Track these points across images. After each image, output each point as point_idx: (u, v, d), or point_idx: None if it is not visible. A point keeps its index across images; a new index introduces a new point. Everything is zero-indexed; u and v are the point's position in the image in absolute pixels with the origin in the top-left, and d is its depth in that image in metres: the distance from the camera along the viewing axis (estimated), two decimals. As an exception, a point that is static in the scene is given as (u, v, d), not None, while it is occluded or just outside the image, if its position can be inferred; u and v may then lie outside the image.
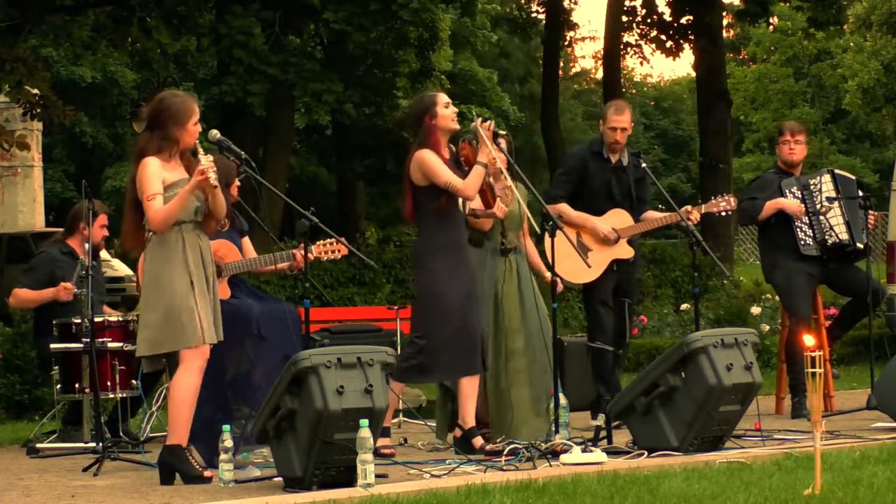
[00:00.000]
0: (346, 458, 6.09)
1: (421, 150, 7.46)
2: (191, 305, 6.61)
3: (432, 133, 7.51)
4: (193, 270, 6.66)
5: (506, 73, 40.49)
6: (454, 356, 7.45)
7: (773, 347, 11.87)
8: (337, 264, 17.17)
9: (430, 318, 7.46)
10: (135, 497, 6.25)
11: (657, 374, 7.18)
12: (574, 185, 8.84)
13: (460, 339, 7.43)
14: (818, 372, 5.30)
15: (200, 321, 6.62)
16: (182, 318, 6.61)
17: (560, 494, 5.55)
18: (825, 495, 5.24)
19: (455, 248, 7.53)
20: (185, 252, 6.68)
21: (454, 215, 7.54)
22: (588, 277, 8.66)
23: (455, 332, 7.42)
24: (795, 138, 9.25)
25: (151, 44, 20.50)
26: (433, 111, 7.53)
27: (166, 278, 6.66)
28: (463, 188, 7.40)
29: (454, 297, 7.43)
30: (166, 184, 6.69)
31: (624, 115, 8.79)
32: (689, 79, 45.69)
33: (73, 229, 8.86)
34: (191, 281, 6.64)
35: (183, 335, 6.62)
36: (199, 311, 6.62)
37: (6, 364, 10.44)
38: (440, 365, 7.49)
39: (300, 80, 18.68)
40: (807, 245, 9.02)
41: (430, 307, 7.48)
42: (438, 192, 7.42)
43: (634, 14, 24.73)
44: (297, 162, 31.32)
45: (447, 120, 7.54)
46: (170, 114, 6.77)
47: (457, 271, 7.48)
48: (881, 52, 38.29)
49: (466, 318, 7.47)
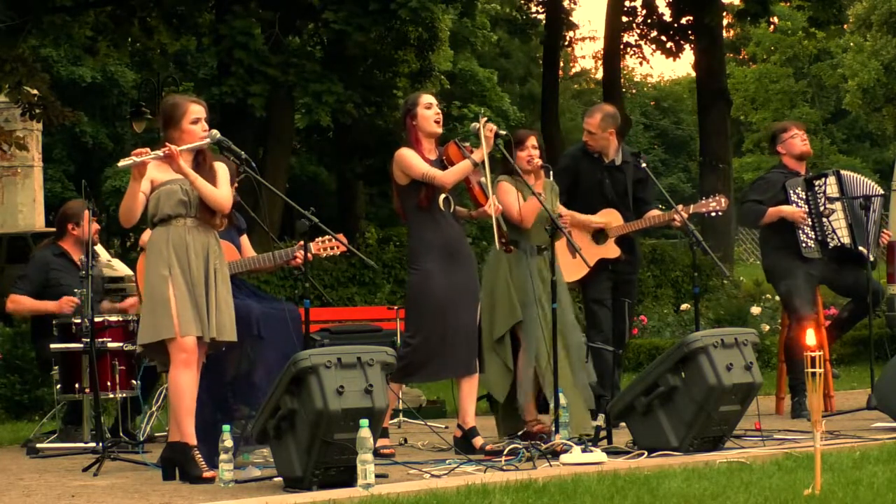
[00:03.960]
0: (346, 458, 6.09)
1: (399, 149, 7.52)
2: (166, 297, 6.66)
3: (412, 133, 7.56)
4: (174, 263, 6.71)
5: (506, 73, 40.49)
6: (446, 356, 7.47)
7: (773, 347, 11.87)
8: (337, 264, 17.18)
9: (421, 318, 7.50)
10: (135, 497, 6.25)
11: (657, 374, 7.18)
12: (566, 185, 8.87)
13: (453, 338, 7.45)
14: (818, 372, 5.30)
15: (178, 314, 6.64)
16: (157, 310, 6.69)
17: (560, 494, 5.54)
18: (825, 495, 5.24)
19: (445, 246, 7.54)
20: (168, 246, 6.74)
21: (439, 214, 7.54)
22: (577, 276, 8.71)
23: (447, 332, 7.44)
24: (802, 132, 9.28)
25: (151, 44, 20.50)
26: (414, 111, 7.59)
27: (148, 272, 6.80)
28: (441, 177, 7.43)
29: (445, 296, 7.45)
30: (156, 183, 6.79)
31: (594, 117, 8.81)
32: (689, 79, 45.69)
33: (63, 231, 8.85)
34: (168, 273, 6.68)
35: (157, 327, 6.69)
36: (176, 304, 6.65)
37: (6, 364, 10.44)
38: (432, 365, 7.52)
39: (300, 81, 18.68)
40: (808, 248, 9.02)
41: (420, 306, 7.51)
42: (418, 189, 7.46)
43: (634, 14, 24.75)
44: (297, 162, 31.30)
45: (428, 121, 7.57)
46: (164, 117, 6.96)
47: (448, 270, 7.49)
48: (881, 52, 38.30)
49: (459, 317, 7.48)
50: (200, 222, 6.82)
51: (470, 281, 7.65)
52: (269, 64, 18.35)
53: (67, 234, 8.82)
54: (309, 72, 18.79)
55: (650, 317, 15.64)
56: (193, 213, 6.80)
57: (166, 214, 6.77)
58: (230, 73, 18.38)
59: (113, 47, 20.23)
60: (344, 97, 18.92)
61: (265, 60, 18.33)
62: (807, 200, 9.06)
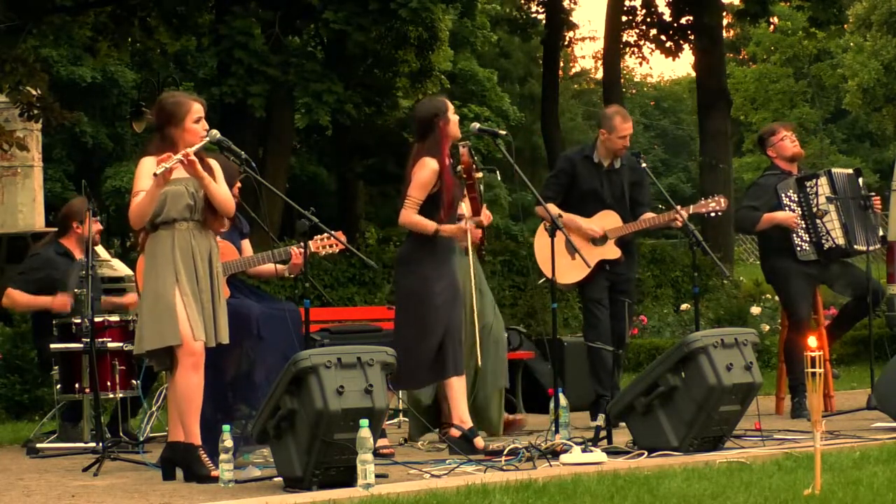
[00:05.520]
0: (346, 458, 6.09)
1: (428, 157, 7.50)
2: (173, 303, 6.63)
3: (444, 137, 7.54)
4: (181, 269, 6.68)
5: (506, 73, 40.47)
6: (437, 361, 7.51)
7: (773, 347, 11.88)
8: (337, 264, 17.17)
9: (414, 323, 7.50)
10: (135, 497, 6.25)
11: (657, 374, 7.18)
12: (563, 187, 8.89)
13: (445, 342, 7.47)
14: (818, 372, 5.30)
15: (186, 319, 6.63)
16: (164, 316, 6.64)
17: (560, 494, 5.54)
18: (825, 495, 5.24)
19: (443, 252, 7.59)
20: (174, 251, 6.69)
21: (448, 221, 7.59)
22: (576, 277, 8.71)
23: (442, 337, 7.46)
24: (791, 133, 9.27)
25: (151, 44, 20.50)
26: (446, 116, 7.57)
27: (152, 276, 6.72)
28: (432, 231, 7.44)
29: (443, 302, 7.50)
30: None
31: (629, 122, 8.88)
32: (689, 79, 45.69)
33: (67, 228, 8.83)
34: (176, 279, 6.66)
35: (164, 333, 6.65)
36: (184, 310, 6.63)
37: (6, 364, 10.43)
38: (422, 372, 7.56)
39: (300, 81, 18.67)
40: (803, 250, 9.01)
41: (413, 311, 7.53)
42: (437, 204, 7.47)
43: (634, 14, 24.77)
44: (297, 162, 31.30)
45: (456, 127, 7.62)
46: (165, 114, 6.85)
47: (441, 276, 7.52)
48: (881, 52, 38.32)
49: (452, 319, 7.53)
50: (202, 226, 6.81)
51: (455, 282, 7.68)
52: (269, 64, 18.34)
53: (71, 232, 8.81)
54: (309, 72, 18.78)
55: (650, 317, 15.64)
56: (197, 217, 6.79)
57: (171, 218, 6.73)
58: (230, 73, 18.37)
59: (113, 47, 20.22)
60: (344, 97, 18.91)
61: (265, 60, 18.32)
62: (799, 202, 9.05)
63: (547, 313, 11.02)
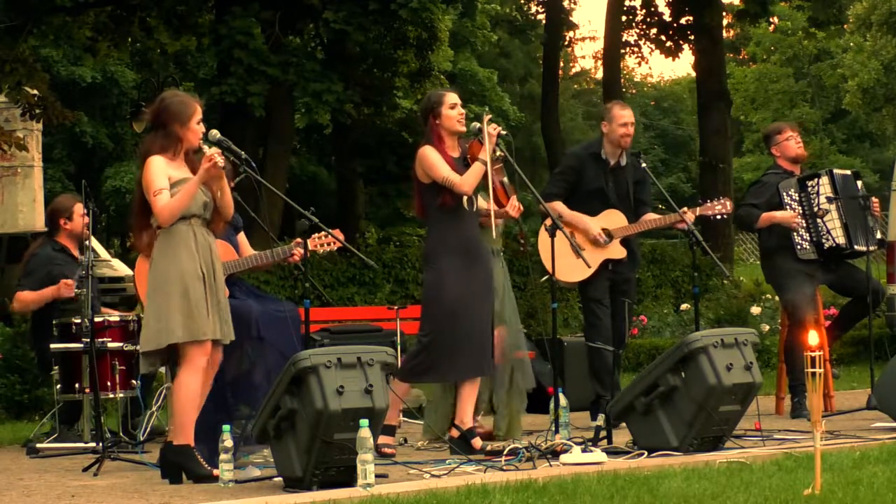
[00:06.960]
0: (346, 458, 6.09)
1: (423, 146, 7.48)
2: (201, 297, 6.59)
3: (434, 132, 7.51)
4: (202, 264, 6.66)
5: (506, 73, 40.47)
6: (461, 357, 7.42)
7: (773, 347, 11.88)
8: (337, 264, 17.18)
9: (436, 318, 7.43)
10: (135, 497, 6.25)
11: (657, 374, 7.18)
12: (569, 185, 8.87)
13: (468, 339, 7.41)
14: (818, 372, 5.30)
15: (209, 315, 6.61)
16: (192, 311, 6.58)
17: (560, 494, 5.54)
18: (825, 495, 5.24)
19: (465, 246, 7.50)
20: (196, 243, 6.66)
21: (462, 213, 7.49)
22: (580, 276, 8.71)
23: (461, 333, 7.39)
24: (797, 134, 9.29)
25: (151, 44, 20.48)
26: (437, 111, 7.53)
27: (175, 269, 6.61)
28: (459, 183, 7.38)
29: (461, 297, 7.39)
30: (172, 181, 6.69)
31: (628, 109, 8.87)
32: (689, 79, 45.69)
33: (56, 226, 8.89)
34: (202, 273, 6.63)
35: (191, 327, 6.58)
36: (208, 306, 6.62)
37: (6, 364, 10.43)
38: (445, 366, 7.46)
39: (300, 80, 18.67)
40: (803, 250, 9.01)
41: (436, 306, 7.45)
42: (442, 189, 7.42)
43: (634, 14, 24.77)
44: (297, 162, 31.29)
45: (452, 121, 7.52)
46: (171, 113, 6.80)
47: (466, 271, 7.44)
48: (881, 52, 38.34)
49: (474, 318, 7.44)
50: (208, 224, 6.81)
51: (487, 280, 7.61)
52: (268, 63, 18.34)
53: (60, 230, 8.86)
54: (309, 71, 18.78)
55: (650, 317, 15.63)
56: (207, 215, 6.79)
57: (191, 213, 6.69)
58: (230, 72, 18.37)
59: (113, 47, 20.20)
60: (344, 97, 18.91)
61: (265, 60, 18.32)
62: (800, 202, 9.06)
63: (547, 313, 11.00)
